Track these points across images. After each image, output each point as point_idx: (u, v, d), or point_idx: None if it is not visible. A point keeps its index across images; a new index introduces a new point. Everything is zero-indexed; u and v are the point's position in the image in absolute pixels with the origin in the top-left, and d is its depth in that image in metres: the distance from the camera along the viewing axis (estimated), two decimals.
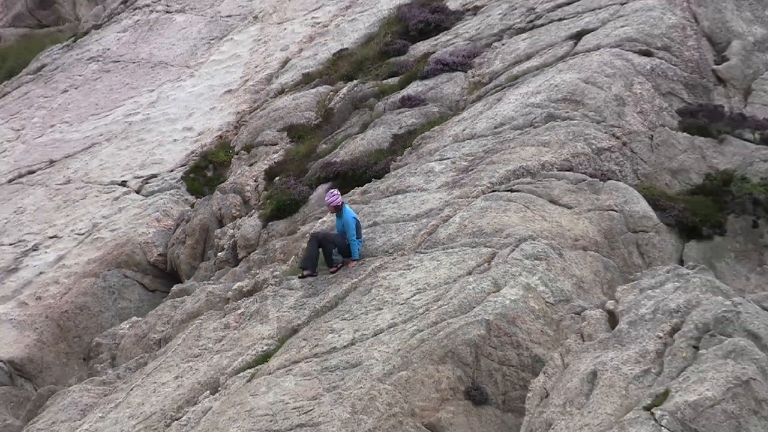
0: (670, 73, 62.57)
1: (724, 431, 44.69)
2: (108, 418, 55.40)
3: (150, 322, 60.89)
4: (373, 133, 64.41)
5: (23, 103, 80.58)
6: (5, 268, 65.85)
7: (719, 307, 48.20)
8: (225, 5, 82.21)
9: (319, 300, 54.84)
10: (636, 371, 46.72)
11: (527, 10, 68.96)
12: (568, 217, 55.81)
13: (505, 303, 50.73)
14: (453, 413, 47.84)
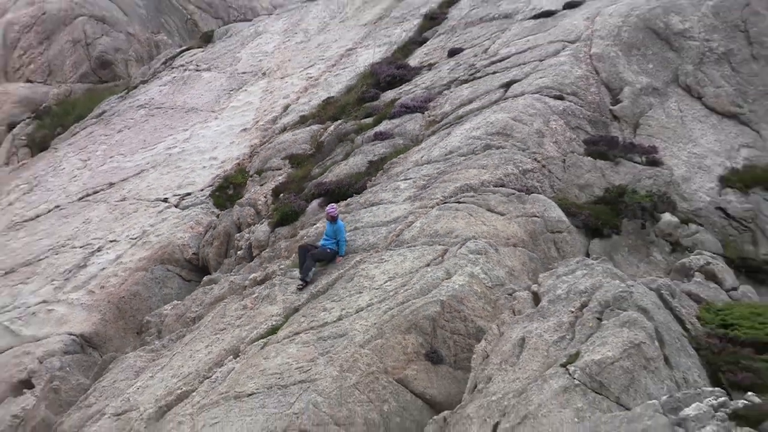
0: (577, 113, 62.95)
1: (621, 382, 45.44)
2: (156, 377, 56.36)
3: (187, 304, 61.54)
4: (353, 160, 64.89)
5: (89, 140, 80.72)
6: (77, 265, 66.27)
7: (616, 289, 48.92)
8: (241, 65, 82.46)
9: (314, 287, 55.72)
10: (554, 337, 47.47)
11: (469, 66, 69.19)
12: (501, 221, 56.43)
13: (454, 287, 51.66)
14: (416, 371, 48.73)
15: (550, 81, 64.60)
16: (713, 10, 69.91)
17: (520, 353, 47.63)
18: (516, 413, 45.20)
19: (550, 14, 71.76)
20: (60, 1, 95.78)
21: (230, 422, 48.89)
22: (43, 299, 64.37)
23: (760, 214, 61.35)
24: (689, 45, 67.79)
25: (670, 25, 68.19)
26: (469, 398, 47.86)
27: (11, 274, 67.83)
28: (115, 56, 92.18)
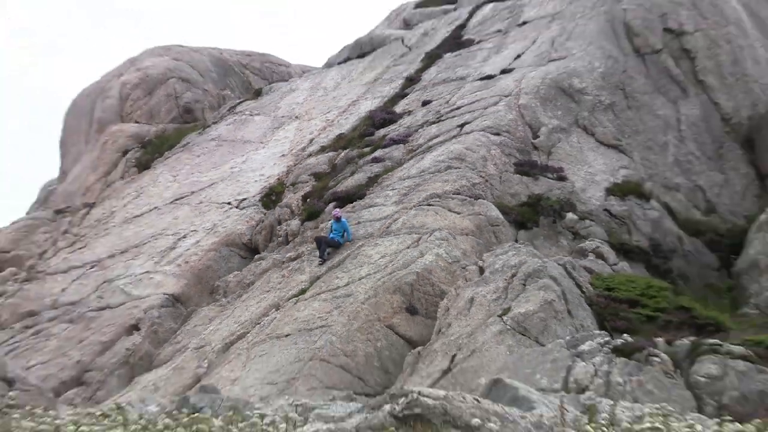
0: (509, 144, 62.86)
1: (538, 327, 45.67)
2: (222, 324, 56.73)
3: (243, 274, 61.65)
4: (357, 176, 64.80)
5: (177, 162, 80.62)
6: (169, 247, 66.30)
7: (536, 264, 49.48)
8: (280, 111, 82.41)
9: (330, 263, 56.20)
10: (493, 297, 47.92)
11: (436, 112, 69.09)
12: (458, 218, 56.51)
13: (425, 263, 52.27)
14: (400, 319, 49.52)
15: (490, 122, 64.53)
16: (601, 75, 69.86)
17: (470, 308, 48.34)
18: (467, 348, 45.59)
19: (491, 77, 71.51)
20: (158, 68, 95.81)
21: (273, 354, 50.05)
22: (146, 270, 64.51)
23: (632, 214, 61.66)
24: (585, 98, 67.78)
25: (572, 85, 68.17)
26: (435, 338, 48.50)
27: (125, 253, 67.97)
28: (195, 105, 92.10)
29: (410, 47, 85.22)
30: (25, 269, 72.78)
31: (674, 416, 28.38)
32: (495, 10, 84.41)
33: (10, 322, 65.36)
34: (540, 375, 40.03)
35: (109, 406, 34.77)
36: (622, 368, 39.98)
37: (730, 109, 74.32)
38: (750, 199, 70.78)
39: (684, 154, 70.27)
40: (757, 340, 44.61)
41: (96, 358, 58.06)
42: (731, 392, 39.27)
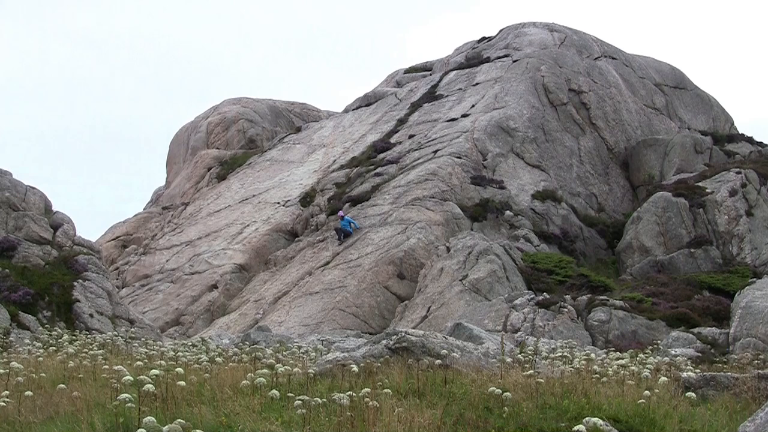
0: (467, 164, 62.41)
1: (487, 288, 45.53)
2: (273, 285, 57.00)
3: (287, 251, 61.00)
4: (364, 185, 64.21)
5: (244, 175, 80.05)
6: (238, 232, 65.76)
7: (485, 245, 49.18)
8: (313, 141, 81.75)
9: (345, 244, 55.65)
10: (456, 267, 47.51)
11: (418, 142, 68.57)
12: (432, 214, 56.10)
13: (410, 244, 52.13)
14: (393, 282, 49.55)
15: (455, 149, 64.13)
16: (528, 118, 69.62)
17: (440, 275, 48.07)
18: (438, 302, 45.28)
19: (455, 119, 70.99)
20: (232, 112, 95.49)
21: (306, 305, 50.26)
22: (222, 248, 64.04)
23: (549, 212, 61.50)
24: (517, 134, 67.46)
25: (508, 125, 67.92)
26: (416, 295, 48.37)
27: (208, 237, 67.60)
28: (256, 137, 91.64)
29: (401, 99, 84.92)
30: (142, 246, 72.65)
31: (577, 348, 28.12)
32: (457, 75, 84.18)
33: (131, 281, 65.50)
34: (487, 320, 39.83)
35: (197, 339, 34.54)
36: (542, 316, 39.81)
37: (613, 143, 75.01)
38: (627, 202, 71.51)
39: (583, 172, 70.56)
40: (632, 296, 45.22)
41: (188, 306, 58.01)
42: (614, 331, 39.54)
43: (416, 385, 16.48)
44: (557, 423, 13.44)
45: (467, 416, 13.89)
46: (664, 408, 15.65)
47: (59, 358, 22.01)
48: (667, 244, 57.68)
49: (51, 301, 38.91)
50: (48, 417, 14.48)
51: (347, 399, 13.09)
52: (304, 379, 17.25)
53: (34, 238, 42.05)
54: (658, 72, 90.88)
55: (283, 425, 12.10)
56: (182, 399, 15.16)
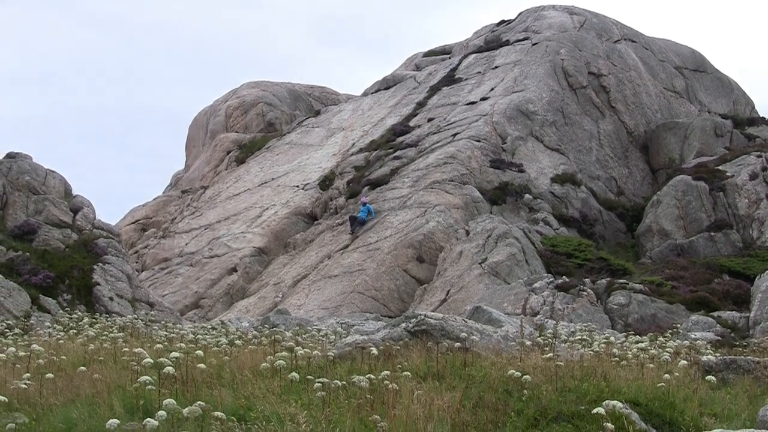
0: (486, 147, 62.39)
1: (506, 271, 45.58)
2: (292, 268, 57.35)
3: (307, 234, 61.15)
4: (383, 168, 64.16)
5: (263, 159, 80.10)
6: (257, 216, 65.92)
7: (504, 228, 49.20)
8: (332, 125, 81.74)
9: (365, 228, 55.55)
10: (475, 251, 47.54)
11: (437, 126, 68.41)
12: (451, 197, 56.12)
13: (429, 227, 52.32)
14: (412, 265, 49.76)
15: (474, 133, 64.07)
16: (547, 102, 69.48)
17: (459, 258, 48.15)
18: (457, 285, 45.32)
19: (474, 103, 70.86)
20: (251, 96, 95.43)
21: (326, 288, 50.53)
22: (241, 231, 64.18)
23: (568, 195, 61.49)
24: (537, 118, 67.32)
25: (528, 108, 67.78)
26: (436, 278, 48.45)
27: (227, 220, 67.76)
28: (275, 121, 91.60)
29: (419, 83, 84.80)
30: (162, 229, 72.87)
31: (596, 332, 28.11)
32: (476, 58, 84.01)
33: (151, 265, 65.73)
34: (506, 303, 39.84)
35: (216, 322, 34.65)
36: (562, 299, 39.78)
37: (632, 126, 74.77)
38: (646, 186, 71.35)
39: (603, 155, 70.44)
40: (651, 279, 45.08)
41: (207, 290, 58.18)
42: (633, 315, 39.48)
43: (436, 368, 16.49)
44: (577, 406, 13.42)
45: (487, 399, 13.89)
46: (684, 391, 15.63)
47: (80, 340, 22.13)
48: (686, 227, 57.52)
49: (71, 285, 39.09)
50: (69, 399, 14.54)
51: (367, 381, 13.11)
52: (323, 362, 17.29)
53: (54, 221, 42.22)
54: (678, 55, 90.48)
55: (302, 407, 12.13)
56: (202, 381, 15.23)
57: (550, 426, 12.71)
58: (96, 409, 13.29)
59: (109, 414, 12.33)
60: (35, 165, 44.81)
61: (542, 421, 12.91)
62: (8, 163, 43.98)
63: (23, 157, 45.09)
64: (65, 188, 45.56)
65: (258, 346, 21.52)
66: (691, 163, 67.20)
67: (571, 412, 13.14)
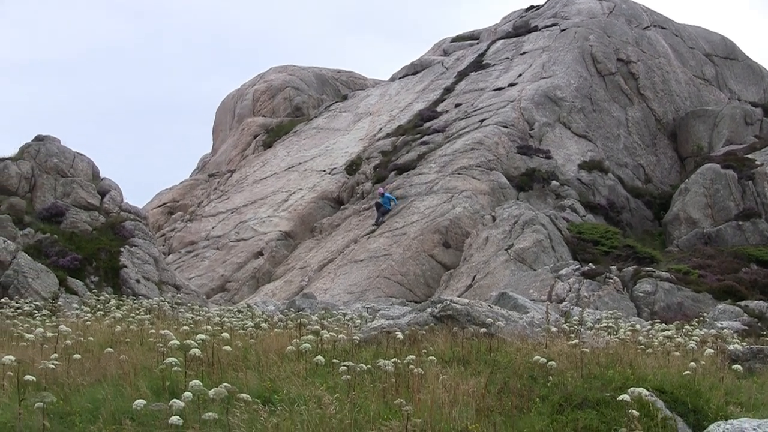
0: (514, 133, 62.31)
1: (532, 258, 45.63)
2: (318, 252, 57.56)
3: (333, 218, 61.18)
4: (410, 154, 64.14)
5: (290, 143, 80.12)
6: (283, 200, 65.96)
7: (531, 215, 49.29)
8: (359, 109, 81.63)
9: (390, 213, 55.51)
10: (502, 237, 47.60)
11: (464, 111, 68.32)
12: (478, 183, 56.09)
13: (456, 213, 52.41)
14: (438, 251, 49.92)
15: (501, 119, 63.97)
16: (576, 88, 69.22)
17: (485, 244, 48.17)
18: (483, 271, 45.40)
19: (502, 89, 70.69)
20: (278, 80, 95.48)
21: (352, 273, 50.79)
22: (268, 215, 64.28)
23: (595, 182, 61.66)
24: (564, 104, 67.17)
25: (556, 95, 67.49)
26: (462, 264, 48.54)
27: (254, 204, 67.88)
28: (302, 105, 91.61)
29: (447, 68, 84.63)
30: (189, 213, 73.06)
31: (622, 319, 28.08)
32: (505, 44, 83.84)
33: (177, 248, 65.99)
34: (532, 290, 39.81)
35: (242, 305, 34.78)
36: (588, 286, 39.76)
37: (661, 113, 74.42)
38: (674, 173, 71.00)
39: (630, 142, 70.23)
40: (678, 268, 44.89)
41: (234, 273, 58.38)
42: (660, 303, 39.41)
43: (461, 353, 16.53)
44: (602, 393, 13.42)
45: (512, 384, 13.91)
46: (710, 380, 15.63)
47: (107, 322, 22.29)
48: (714, 216, 57.25)
49: (98, 267, 39.29)
50: (96, 379, 14.66)
51: (392, 366, 13.17)
52: (349, 346, 17.36)
53: (81, 204, 42.40)
54: (708, 42, 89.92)
55: (328, 390, 12.19)
56: (228, 364, 15.30)
57: (574, 412, 12.70)
58: (122, 390, 13.40)
59: (136, 394, 12.43)
60: (63, 148, 45.01)
61: (567, 407, 12.92)
62: (37, 145, 44.22)
63: (51, 140, 45.29)
64: (93, 171, 45.74)
65: (284, 329, 21.60)
66: (720, 151, 66.85)
67: (596, 399, 13.14)
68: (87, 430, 11.50)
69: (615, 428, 11.34)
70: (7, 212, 39.41)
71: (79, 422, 12.01)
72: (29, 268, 35.65)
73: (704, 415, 13.49)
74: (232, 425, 10.67)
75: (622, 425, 11.09)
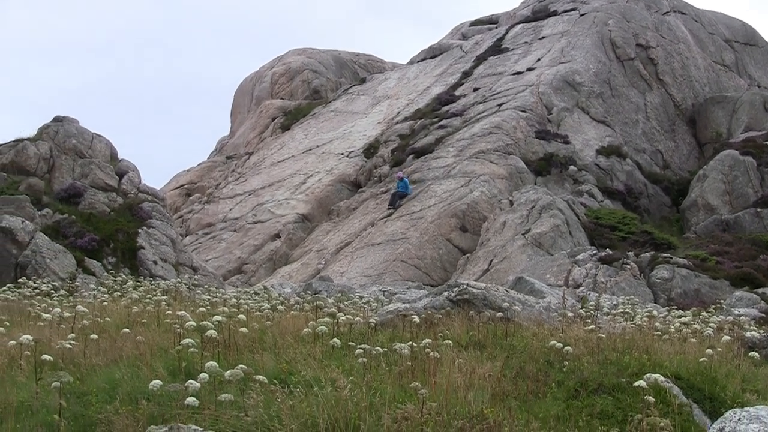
0: (532, 118, 62.26)
1: (549, 243, 45.52)
2: (335, 235, 57.59)
3: (350, 201, 61.19)
4: (428, 137, 64.13)
5: (307, 126, 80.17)
6: (301, 183, 66.08)
7: (548, 200, 49.16)
8: (377, 93, 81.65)
9: (408, 197, 55.50)
10: (519, 221, 47.56)
11: (482, 95, 68.29)
12: (495, 167, 56.04)
13: (473, 197, 52.32)
14: (455, 235, 49.90)
15: (519, 103, 63.95)
16: (594, 73, 69.07)
17: (503, 228, 48.17)
18: (500, 255, 45.39)
19: (520, 73, 70.65)
20: (297, 63, 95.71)
21: (368, 256, 50.90)
22: (285, 198, 64.40)
23: (613, 167, 61.55)
24: (583, 89, 67.07)
25: (574, 79, 67.35)
26: (479, 248, 48.61)
27: (272, 186, 68.01)
28: (320, 88, 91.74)
29: (466, 52, 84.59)
30: (206, 195, 73.27)
31: (639, 305, 28.03)
32: (523, 28, 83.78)
33: (195, 230, 66.21)
34: (549, 275, 39.78)
35: (259, 287, 34.82)
36: (605, 272, 39.70)
37: (680, 99, 74.34)
38: (692, 160, 70.92)
39: (649, 128, 70.08)
40: (695, 254, 44.84)
41: (251, 255, 58.52)
42: (677, 289, 39.38)
43: (477, 337, 16.51)
44: (618, 378, 13.39)
45: (528, 369, 13.90)
46: (726, 367, 15.57)
47: (123, 303, 22.37)
48: (732, 202, 57.08)
49: (116, 248, 39.44)
50: (112, 360, 14.69)
51: (408, 349, 13.14)
52: (365, 329, 17.35)
53: (99, 185, 42.53)
54: (728, 28, 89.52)
55: (344, 373, 12.16)
56: (244, 345, 15.31)
57: (590, 397, 12.68)
58: (139, 371, 13.42)
59: (152, 375, 12.44)
60: (82, 129, 45.14)
61: (583, 392, 12.90)
62: (55, 126, 44.36)
63: (70, 120, 45.42)
64: (111, 152, 45.89)
65: (300, 311, 21.62)
66: (738, 137, 66.58)
67: (612, 385, 13.11)
68: (103, 409, 11.52)
69: (630, 414, 11.28)
70: (25, 193, 39.59)
71: (96, 402, 12.04)
72: (47, 248, 35.81)
73: (720, 402, 13.46)
74: (248, 406, 10.68)
75: (637, 411, 11.06)
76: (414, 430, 10.35)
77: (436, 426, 10.48)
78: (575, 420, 11.55)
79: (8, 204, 37.96)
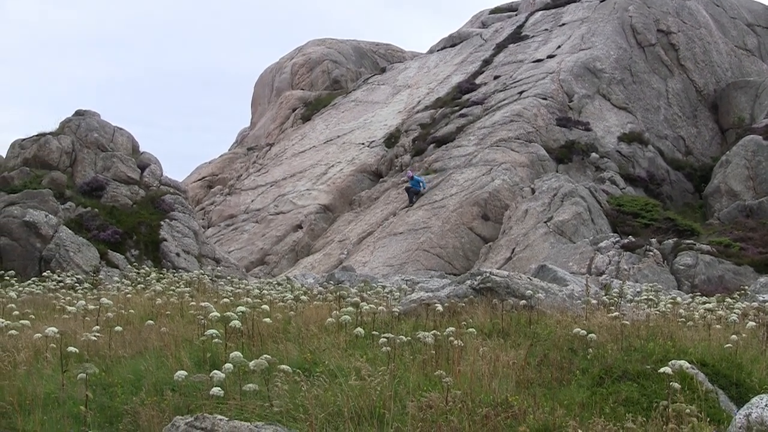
0: (553, 105, 62.18)
1: (571, 230, 45.64)
2: (357, 225, 57.70)
3: (372, 191, 61.24)
4: (449, 126, 64.17)
5: (328, 116, 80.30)
6: (322, 173, 66.17)
7: (571, 187, 49.07)
8: (398, 82, 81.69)
9: (429, 187, 55.44)
10: (541, 209, 47.53)
11: (503, 83, 68.25)
12: (517, 155, 55.98)
13: (495, 185, 52.31)
14: (478, 223, 49.94)
15: (540, 90, 63.83)
16: (615, 59, 68.81)
17: (525, 216, 48.18)
18: (523, 243, 45.34)
19: (541, 60, 70.57)
20: (317, 53, 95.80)
21: (391, 246, 50.96)
22: (307, 188, 64.49)
23: (635, 154, 61.22)
24: (604, 76, 66.87)
25: (595, 66, 67.15)
26: (501, 237, 48.57)
27: (293, 177, 68.12)
28: (341, 78, 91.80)
29: (486, 40, 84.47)
30: (228, 186, 73.43)
31: (662, 292, 27.95)
32: (543, 15, 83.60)
33: (217, 221, 66.35)
34: (572, 263, 39.74)
35: (282, 278, 34.89)
36: (627, 259, 39.62)
37: (702, 85, 73.88)
38: (715, 145, 70.59)
39: (671, 114, 69.76)
40: (719, 240, 44.62)
41: (273, 246, 58.61)
42: (700, 276, 39.24)
43: (501, 325, 16.52)
44: (642, 365, 13.35)
45: (551, 357, 13.89)
46: (752, 353, 15.48)
47: (147, 295, 22.47)
48: (756, 188, 56.79)
49: (139, 240, 39.59)
50: (137, 351, 14.78)
51: (432, 338, 13.16)
52: (388, 318, 17.38)
53: (121, 178, 42.69)
54: (750, 12, 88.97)
55: (368, 362, 12.19)
56: (268, 336, 15.35)
57: (615, 385, 12.66)
58: (164, 361, 13.49)
59: (177, 366, 12.51)
60: (103, 122, 45.31)
61: (607, 379, 12.87)
62: (77, 120, 44.56)
63: (91, 114, 45.58)
64: (133, 145, 46.06)
65: (323, 302, 21.66)
66: (761, 122, 66.14)
67: (636, 372, 13.08)
68: (129, 400, 11.60)
69: (656, 401, 11.26)
70: (48, 186, 39.78)
71: (122, 393, 12.13)
72: (71, 241, 36.01)
73: (747, 388, 13.40)
74: (273, 396, 10.72)
75: (663, 398, 11.03)
76: (439, 418, 10.36)
77: (460, 414, 10.49)
78: (601, 407, 11.52)
79: (32, 198, 38.16)
